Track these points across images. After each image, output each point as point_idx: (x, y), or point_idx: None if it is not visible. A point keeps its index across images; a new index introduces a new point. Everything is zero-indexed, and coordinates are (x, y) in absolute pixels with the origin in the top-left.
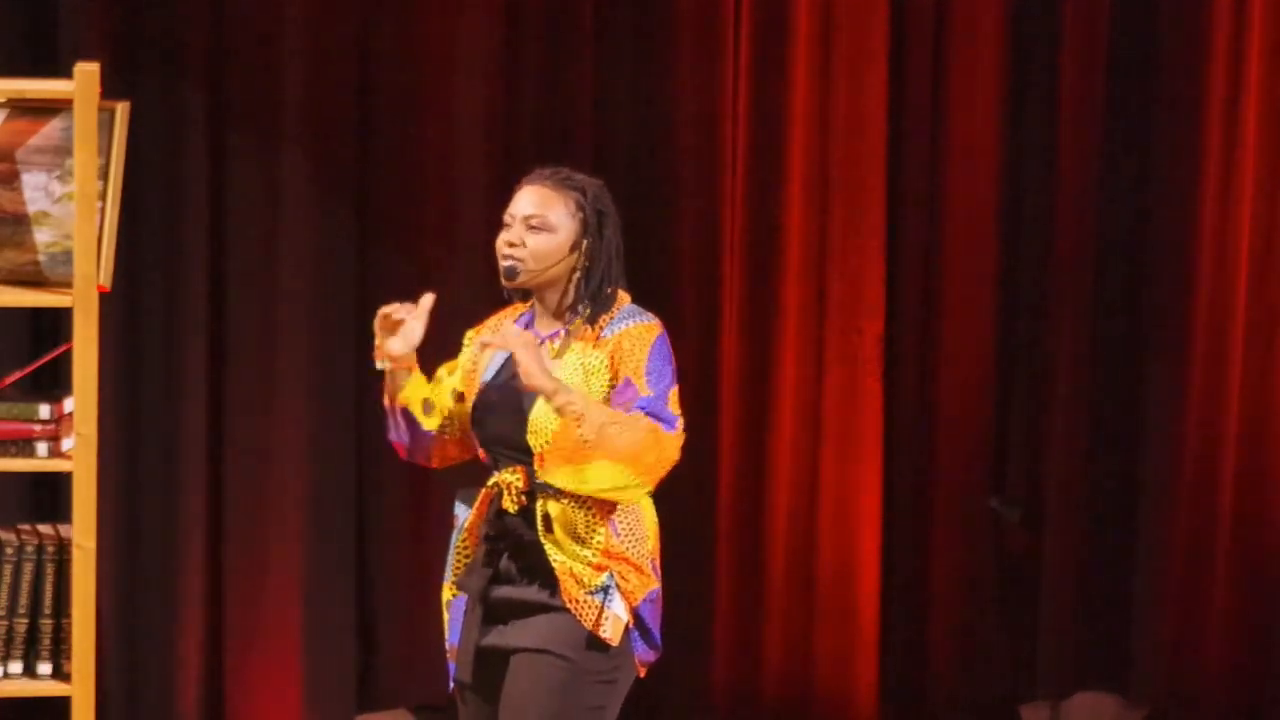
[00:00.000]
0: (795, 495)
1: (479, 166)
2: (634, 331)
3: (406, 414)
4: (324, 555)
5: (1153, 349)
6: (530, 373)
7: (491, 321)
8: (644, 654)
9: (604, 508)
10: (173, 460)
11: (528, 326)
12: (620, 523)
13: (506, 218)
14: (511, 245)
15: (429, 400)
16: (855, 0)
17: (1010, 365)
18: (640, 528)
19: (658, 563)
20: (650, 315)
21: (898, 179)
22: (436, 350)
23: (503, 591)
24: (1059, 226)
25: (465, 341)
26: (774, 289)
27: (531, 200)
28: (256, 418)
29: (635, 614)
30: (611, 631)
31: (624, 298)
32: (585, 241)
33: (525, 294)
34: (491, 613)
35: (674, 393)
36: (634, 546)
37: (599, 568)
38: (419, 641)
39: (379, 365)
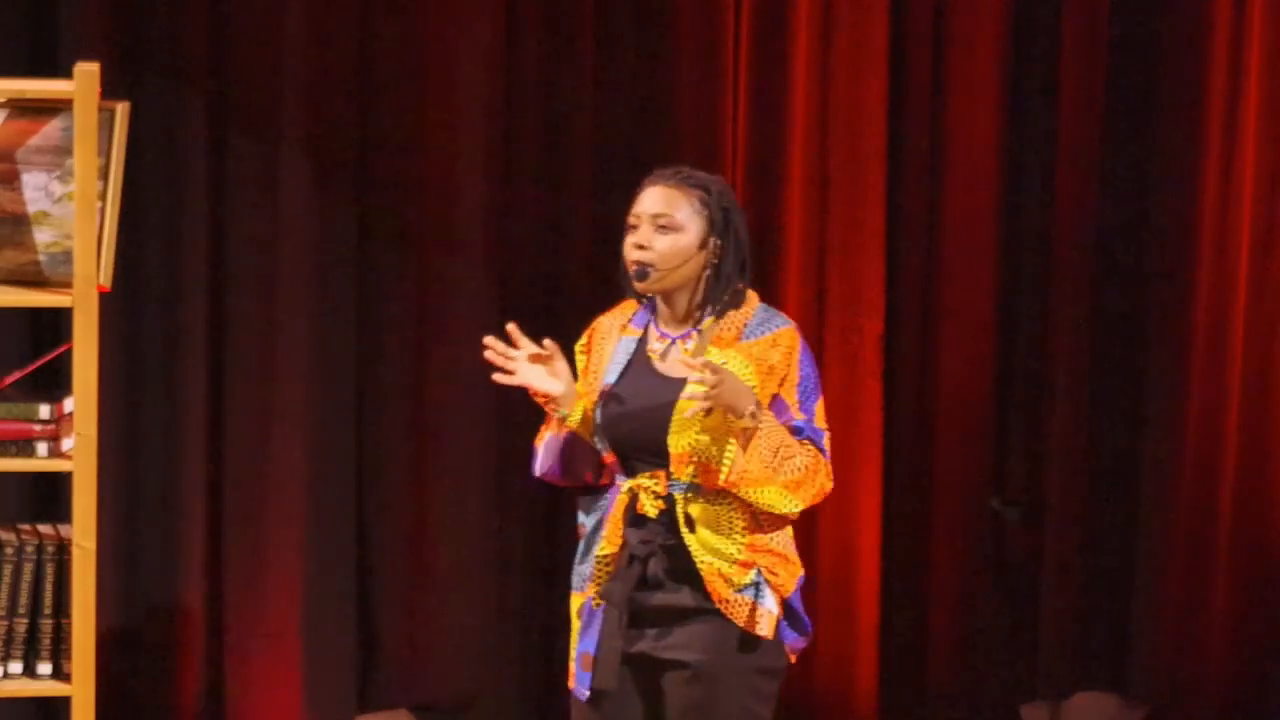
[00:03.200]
0: None
1: (479, 166)
2: (779, 339)
3: (578, 441)
4: (324, 555)
5: (1152, 349)
6: (737, 401)
7: (604, 321)
8: (795, 641)
9: (743, 501)
10: (173, 460)
11: (647, 326)
12: (761, 514)
13: (632, 219)
14: (640, 247)
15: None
16: (855, 0)
17: (1010, 365)
18: (779, 517)
19: (794, 545)
20: (785, 316)
21: (898, 179)
22: (437, 352)
23: (649, 597)
24: (1059, 226)
25: (578, 351)
26: (774, 288)
27: (657, 200)
28: (256, 417)
29: (786, 604)
30: (767, 628)
31: (753, 296)
32: (713, 239)
33: (642, 294)
34: (637, 619)
35: (820, 406)
36: (777, 535)
37: (746, 564)
38: (419, 641)
39: (559, 413)
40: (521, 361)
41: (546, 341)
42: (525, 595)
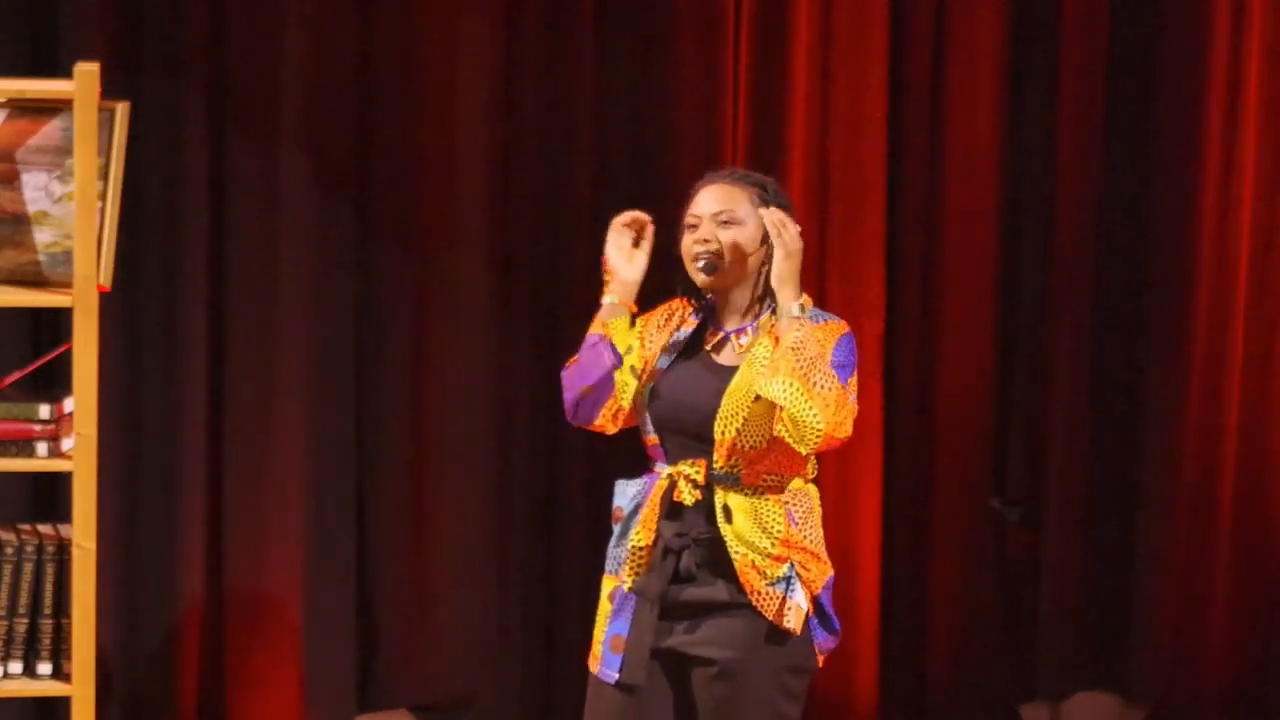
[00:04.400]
0: None
1: (479, 166)
2: (829, 326)
3: (610, 347)
4: (324, 555)
5: (1153, 349)
6: (785, 276)
7: (661, 310)
8: (824, 641)
9: (778, 496)
10: (173, 460)
11: (705, 323)
12: (795, 510)
13: (690, 219)
14: (704, 242)
15: (629, 350)
16: (855, 0)
17: (1010, 365)
18: (812, 514)
19: (825, 546)
20: (837, 316)
21: (898, 179)
22: (438, 351)
23: (683, 592)
24: (1059, 227)
25: (637, 325)
26: None
27: (716, 197)
28: (256, 418)
29: (815, 602)
30: (794, 622)
31: (807, 299)
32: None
33: (698, 294)
34: (669, 613)
35: (853, 381)
36: (810, 533)
37: (779, 559)
38: (419, 641)
39: (606, 298)
40: (626, 240)
41: (649, 228)
42: (525, 595)
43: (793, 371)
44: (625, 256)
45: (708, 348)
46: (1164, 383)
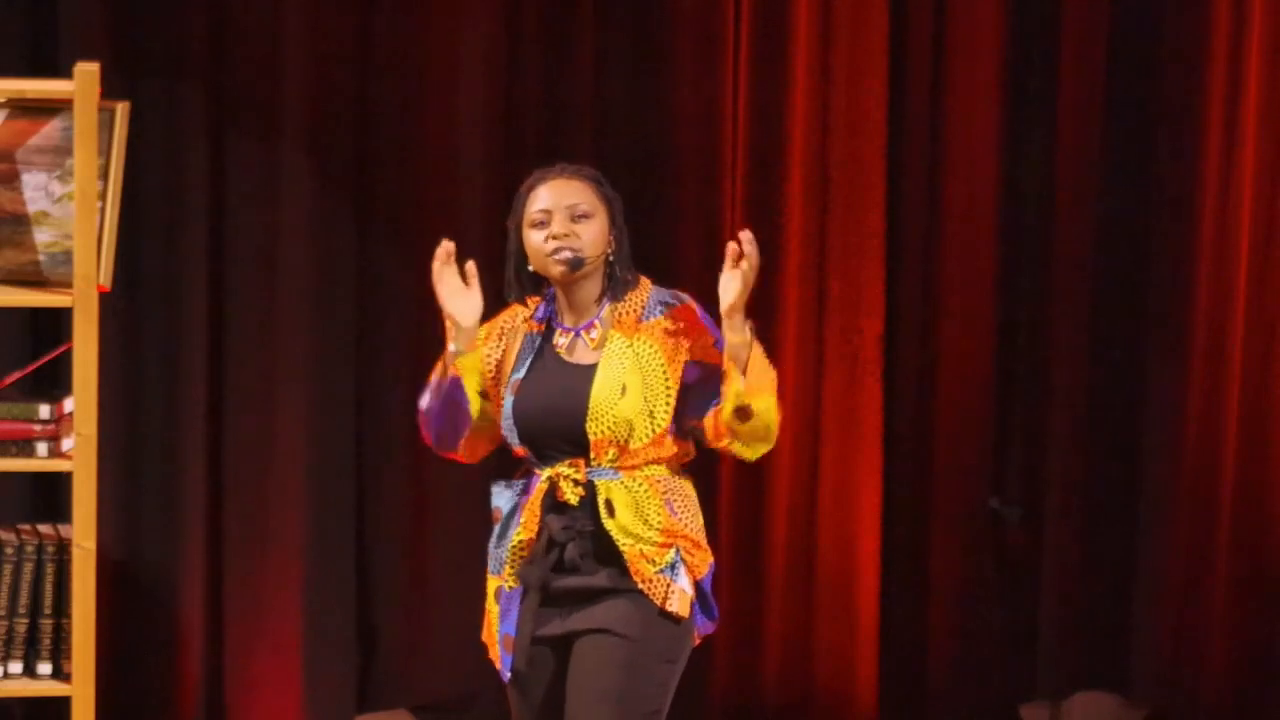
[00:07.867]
0: (795, 495)
1: (479, 166)
2: (678, 314)
3: (459, 389)
4: (324, 555)
5: (1153, 348)
6: (738, 305)
7: (503, 317)
8: (704, 626)
9: (658, 488)
10: (173, 460)
11: (549, 323)
12: (674, 501)
13: (538, 215)
14: (563, 237)
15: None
16: (855, 1)
17: (1010, 365)
18: (690, 505)
19: (705, 535)
20: (680, 293)
21: (898, 179)
22: (437, 352)
23: (566, 581)
24: (1059, 226)
25: (479, 338)
26: (774, 289)
27: (565, 192)
28: (256, 418)
29: (698, 587)
30: (679, 606)
31: (645, 281)
32: (613, 225)
33: (536, 291)
34: (552, 602)
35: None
36: (690, 522)
37: (665, 545)
38: (419, 641)
39: (452, 346)
40: (454, 279)
41: (469, 265)
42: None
43: (769, 388)
44: (462, 300)
45: (559, 350)
46: (1164, 382)
